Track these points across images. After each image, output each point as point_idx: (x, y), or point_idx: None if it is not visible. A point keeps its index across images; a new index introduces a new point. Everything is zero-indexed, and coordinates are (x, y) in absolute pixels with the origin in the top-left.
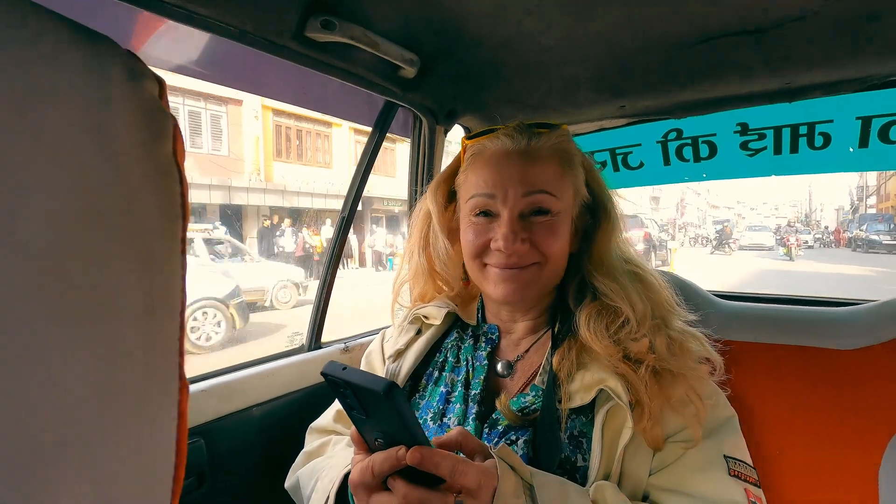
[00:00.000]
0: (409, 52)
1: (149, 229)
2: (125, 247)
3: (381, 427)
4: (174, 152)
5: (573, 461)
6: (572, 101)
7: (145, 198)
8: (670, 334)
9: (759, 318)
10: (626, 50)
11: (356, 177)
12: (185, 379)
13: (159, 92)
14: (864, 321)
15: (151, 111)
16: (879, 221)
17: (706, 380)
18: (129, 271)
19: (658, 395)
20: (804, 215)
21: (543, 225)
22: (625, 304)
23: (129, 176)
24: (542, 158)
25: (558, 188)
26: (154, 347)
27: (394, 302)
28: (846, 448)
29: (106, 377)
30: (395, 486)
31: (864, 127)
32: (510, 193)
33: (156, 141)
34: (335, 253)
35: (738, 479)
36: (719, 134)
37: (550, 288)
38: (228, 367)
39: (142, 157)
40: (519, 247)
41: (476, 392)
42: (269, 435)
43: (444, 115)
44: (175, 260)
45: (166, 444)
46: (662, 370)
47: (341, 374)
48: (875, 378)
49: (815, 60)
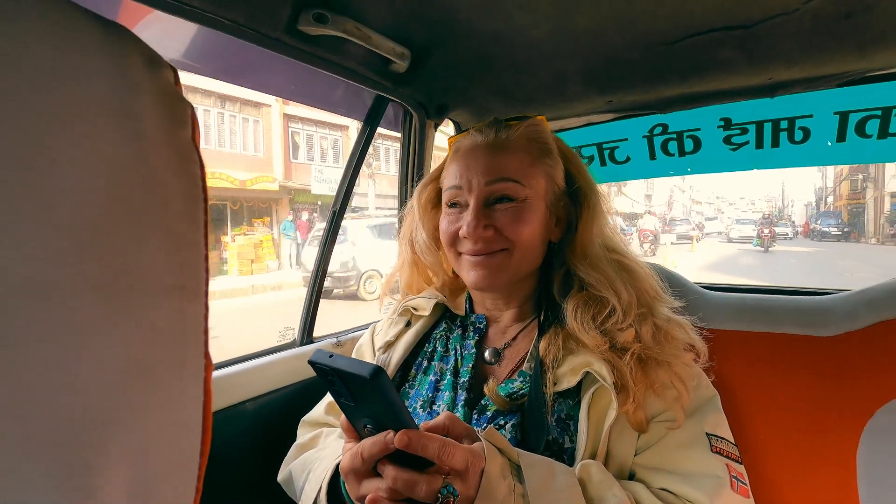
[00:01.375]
0: (400, 45)
1: (174, 211)
2: (153, 227)
3: (369, 413)
4: (193, 138)
5: (560, 443)
6: (561, 95)
7: (170, 180)
8: (656, 322)
9: (743, 307)
10: (613, 46)
11: (347, 171)
12: (210, 357)
13: (174, 80)
14: (842, 309)
15: (171, 97)
16: (830, 217)
17: (689, 366)
18: (158, 250)
19: (642, 381)
20: (777, 210)
21: (507, 211)
22: (610, 294)
23: (155, 159)
24: (508, 149)
25: (525, 175)
26: (182, 326)
27: (383, 294)
28: (826, 431)
29: (139, 354)
30: (384, 470)
31: (842, 122)
32: (474, 183)
33: (176, 126)
34: (326, 248)
35: (720, 456)
36: (703, 129)
37: (524, 274)
38: (221, 362)
39: (165, 141)
40: (482, 233)
41: (465, 379)
42: (261, 429)
43: (435, 109)
44: (199, 241)
45: (194, 421)
46: (648, 357)
47: (328, 362)
48: (853, 363)
49: (796, 57)
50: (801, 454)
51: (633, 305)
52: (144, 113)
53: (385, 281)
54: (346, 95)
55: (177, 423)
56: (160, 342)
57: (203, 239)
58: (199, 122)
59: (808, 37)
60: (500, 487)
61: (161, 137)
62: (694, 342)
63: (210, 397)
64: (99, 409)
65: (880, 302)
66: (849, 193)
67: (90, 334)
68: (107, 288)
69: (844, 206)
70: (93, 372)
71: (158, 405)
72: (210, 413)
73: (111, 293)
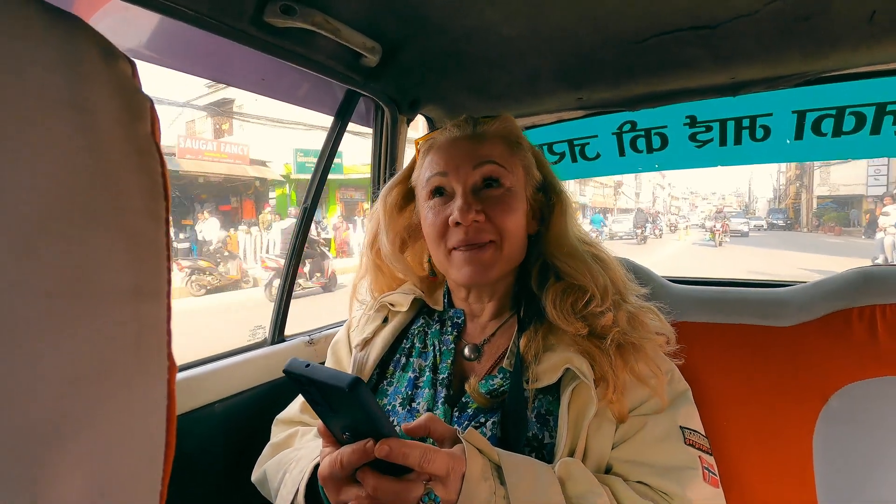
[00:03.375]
0: (371, 40)
1: (132, 209)
2: (109, 226)
3: (347, 421)
4: (152, 133)
5: (540, 439)
6: (533, 92)
7: (127, 177)
8: (629, 309)
9: (708, 299)
10: (583, 43)
11: (318, 166)
12: (173, 360)
13: (132, 72)
14: (800, 300)
15: (127, 91)
16: (779, 212)
17: (663, 356)
18: (115, 251)
19: (622, 368)
20: (745, 205)
21: (497, 198)
22: (588, 281)
23: (110, 154)
24: (489, 139)
25: (508, 163)
26: (142, 328)
27: (352, 297)
28: (784, 416)
29: (94, 359)
30: (364, 478)
31: (800, 120)
32: (461, 169)
33: (134, 121)
34: (297, 244)
35: (693, 448)
36: (670, 126)
37: (512, 268)
38: (189, 363)
39: (121, 135)
40: (474, 216)
41: (444, 376)
42: (233, 431)
43: (407, 104)
44: (160, 240)
45: (156, 426)
46: (625, 343)
47: (304, 372)
48: (809, 351)
49: (757, 57)
50: (760, 438)
51: (609, 291)
52: (97, 106)
53: (351, 290)
54: (317, 89)
55: (138, 429)
56: (117, 346)
57: (164, 237)
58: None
59: (768, 37)
60: (481, 490)
61: (117, 131)
62: (663, 327)
63: (174, 401)
64: (48, 419)
65: (834, 293)
66: (793, 195)
67: (38, 340)
68: (58, 291)
69: (790, 204)
70: (41, 379)
71: (116, 411)
72: (174, 417)
73: (63, 296)
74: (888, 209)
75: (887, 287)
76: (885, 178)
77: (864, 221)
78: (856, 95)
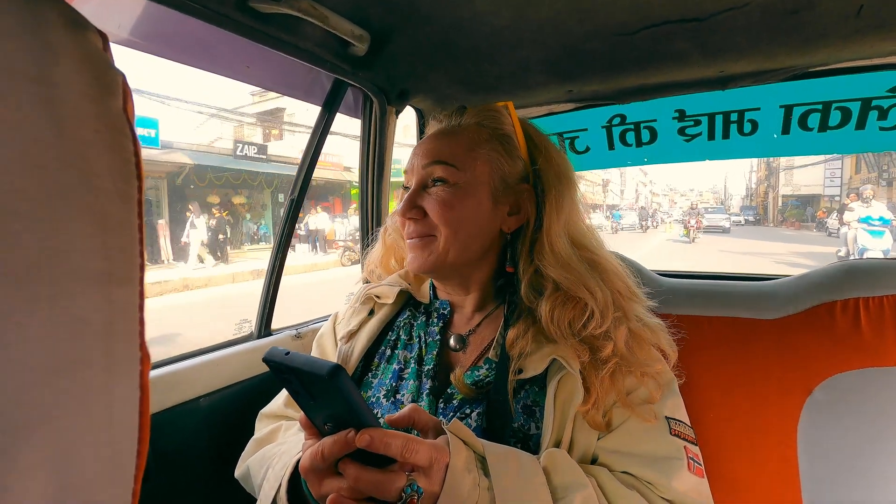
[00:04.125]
0: (359, 27)
1: (102, 189)
2: (77, 206)
3: (329, 411)
4: (125, 109)
5: (526, 430)
6: (522, 84)
7: (97, 155)
8: (630, 327)
9: (696, 293)
10: (573, 35)
11: (305, 158)
12: (147, 351)
13: (103, 46)
14: (785, 293)
15: (97, 64)
16: (750, 209)
17: (656, 377)
18: (83, 233)
19: (610, 390)
20: (720, 202)
21: (436, 195)
22: (585, 295)
23: (78, 130)
24: (455, 134)
25: (463, 160)
26: (111, 316)
27: (364, 276)
28: (770, 407)
29: (63, 347)
30: (346, 469)
31: (787, 115)
32: (416, 166)
33: (105, 96)
34: (284, 236)
35: (678, 438)
36: (659, 120)
37: (461, 260)
38: (173, 357)
39: (90, 111)
40: (410, 215)
41: (429, 367)
42: (218, 426)
43: (396, 95)
44: (133, 223)
45: (128, 421)
46: (620, 373)
47: (284, 360)
48: (794, 344)
49: (745, 50)
50: (746, 429)
51: (610, 307)
52: (62, 79)
53: (363, 263)
54: (304, 79)
55: (108, 423)
56: (86, 334)
57: (137, 219)
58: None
59: (756, 31)
60: (465, 482)
61: (86, 106)
62: (664, 347)
63: (147, 394)
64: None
65: (818, 286)
66: (762, 193)
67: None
68: (19, 276)
69: (760, 202)
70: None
71: (85, 403)
72: (147, 411)
73: (25, 282)
74: (853, 205)
75: (870, 280)
76: (839, 180)
77: (817, 218)
78: (842, 90)
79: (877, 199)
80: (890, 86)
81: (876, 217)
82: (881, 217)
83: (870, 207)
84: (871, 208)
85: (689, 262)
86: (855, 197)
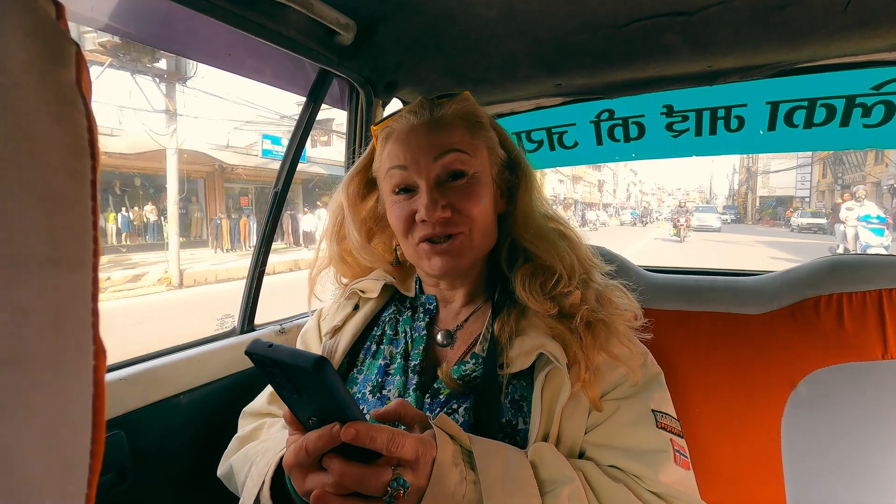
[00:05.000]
0: (345, 16)
1: (49, 165)
2: (19, 184)
3: (313, 405)
4: (78, 82)
5: (514, 424)
6: (511, 76)
7: (43, 129)
8: (596, 287)
9: (681, 288)
10: (563, 28)
11: (289, 150)
12: (101, 343)
13: (56, 14)
14: (769, 289)
15: (47, 32)
16: (731, 209)
17: (636, 339)
18: (26, 213)
19: (594, 347)
20: (706, 201)
21: (461, 188)
22: (556, 262)
23: (22, 102)
24: (447, 124)
25: (470, 147)
26: (59, 305)
27: (311, 291)
28: (754, 401)
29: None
30: (330, 464)
31: (773, 111)
32: (422, 161)
33: (55, 66)
34: (268, 229)
35: (665, 431)
36: (647, 115)
37: (484, 253)
38: (152, 353)
39: (37, 82)
40: (440, 213)
41: (416, 363)
42: (199, 423)
43: (383, 86)
44: (84, 204)
45: (79, 420)
46: (595, 321)
47: (267, 353)
48: (778, 338)
49: (733, 46)
50: (730, 422)
51: (576, 270)
52: (7, 48)
53: (310, 284)
54: (288, 68)
55: (54, 425)
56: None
57: (90, 201)
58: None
59: (745, 26)
60: (451, 476)
61: (31, 77)
62: (631, 304)
63: (102, 390)
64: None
65: (802, 281)
66: (743, 194)
67: None
68: None
69: (741, 202)
70: None
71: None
72: (103, 409)
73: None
74: (849, 204)
75: (853, 276)
76: (809, 184)
77: (786, 216)
78: (827, 87)
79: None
80: (874, 83)
81: (874, 215)
82: (878, 216)
83: (863, 206)
84: (864, 207)
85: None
86: (849, 196)
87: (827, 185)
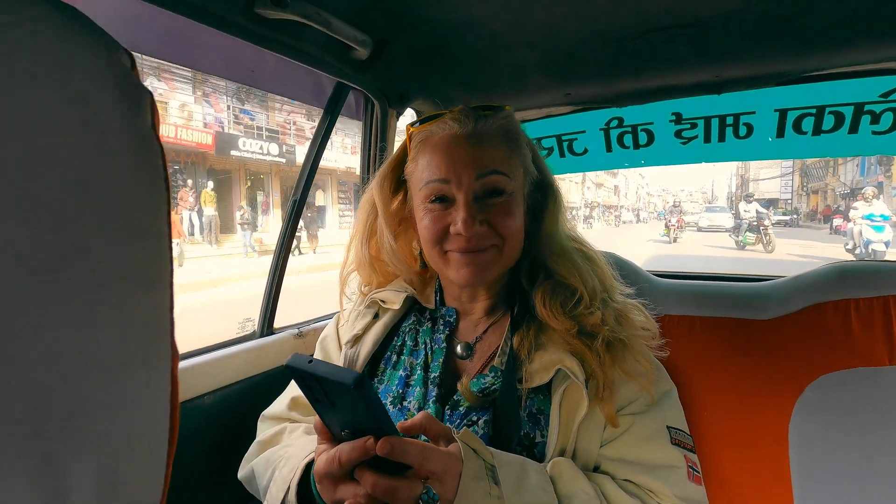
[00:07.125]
0: (361, 32)
1: (134, 199)
2: (112, 216)
3: (348, 418)
4: (153, 125)
5: (532, 438)
6: (521, 87)
7: (129, 168)
8: (615, 306)
9: (691, 293)
10: (572, 39)
11: (307, 160)
12: (176, 348)
13: (131, 65)
14: (779, 294)
15: (128, 83)
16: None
17: (651, 355)
18: (118, 241)
19: (611, 365)
20: (708, 202)
21: (499, 206)
22: (578, 282)
23: (112, 146)
24: (490, 140)
25: (509, 168)
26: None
27: (342, 291)
28: (762, 406)
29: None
30: (362, 476)
31: (781, 119)
32: (464, 178)
33: (135, 113)
34: (287, 236)
35: (679, 447)
36: (656, 123)
37: (509, 267)
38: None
39: (123, 127)
40: (478, 229)
41: (436, 375)
42: (219, 424)
43: (397, 98)
44: (162, 232)
45: (161, 413)
46: (614, 340)
47: (307, 368)
48: (786, 344)
49: (740, 56)
50: (739, 428)
51: (598, 291)
52: (99, 99)
53: (341, 284)
54: (306, 82)
55: (144, 416)
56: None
57: (166, 228)
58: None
59: (752, 37)
60: (476, 490)
61: (119, 123)
62: (648, 323)
63: (177, 388)
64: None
65: (811, 287)
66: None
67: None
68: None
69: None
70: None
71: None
72: (177, 404)
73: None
74: (857, 204)
75: (861, 281)
76: (791, 188)
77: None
78: (835, 95)
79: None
80: (882, 91)
81: (878, 214)
82: (882, 214)
83: (871, 206)
84: (872, 207)
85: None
86: (861, 197)
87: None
